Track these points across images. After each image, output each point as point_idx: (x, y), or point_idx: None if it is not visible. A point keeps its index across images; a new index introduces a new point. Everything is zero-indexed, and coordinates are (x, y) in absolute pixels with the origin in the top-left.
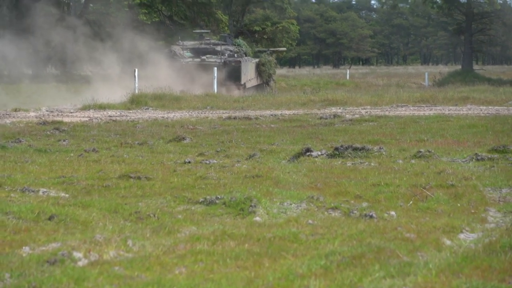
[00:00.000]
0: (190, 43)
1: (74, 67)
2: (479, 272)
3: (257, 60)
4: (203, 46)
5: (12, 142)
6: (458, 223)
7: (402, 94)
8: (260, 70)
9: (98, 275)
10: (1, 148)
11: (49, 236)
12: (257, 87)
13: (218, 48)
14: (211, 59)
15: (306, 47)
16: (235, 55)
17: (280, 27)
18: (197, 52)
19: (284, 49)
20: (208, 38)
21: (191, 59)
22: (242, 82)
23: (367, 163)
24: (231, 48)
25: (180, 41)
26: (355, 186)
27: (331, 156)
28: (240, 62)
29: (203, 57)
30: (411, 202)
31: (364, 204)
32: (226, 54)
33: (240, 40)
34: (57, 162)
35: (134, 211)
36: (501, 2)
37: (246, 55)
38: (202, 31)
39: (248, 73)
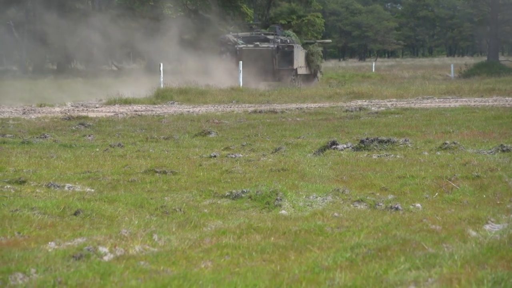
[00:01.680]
0: (241, 34)
1: (99, 62)
2: (504, 263)
3: (306, 50)
4: (254, 35)
5: (37, 137)
6: (483, 214)
7: (427, 86)
8: (309, 60)
9: (124, 270)
10: (26, 143)
11: (74, 231)
12: (306, 76)
13: (270, 36)
14: (264, 44)
15: (332, 39)
16: (288, 40)
17: (306, 20)
18: (249, 41)
19: (330, 41)
20: (257, 29)
21: (244, 45)
22: (295, 67)
23: (392, 155)
24: (281, 37)
25: (230, 32)
26: (381, 178)
27: (357, 149)
28: (292, 47)
29: (256, 43)
30: (436, 194)
31: (390, 197)
32: (279, 41)
33: (289, 31)
34: (83, 157)
35: (160, 205)
36: None
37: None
38: (253, 22)
39: (300, 60)
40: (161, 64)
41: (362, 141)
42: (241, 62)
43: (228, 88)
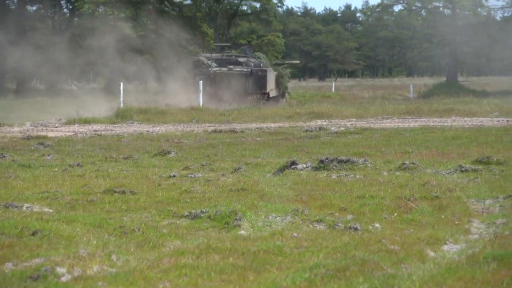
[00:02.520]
0: (214, 55)
1: (59, 82)
2: (462, 284)
3: (276, 72)
4: (225, 57)
5: None
6: (442, 234)
7: (387, 106)
8: (278, 82)
9: None
10: None
11: (32, 252)
12: (275, 98)
13: (242, 59)
14: (238, 68)
15: (292, 60)
16: (261, 64)
17: (266, 40)
18: (222, 64)
19: (298, 62)
20: (229, 51)
21: (218, 68)
22: (267, 91)
23: (352, 175)
24: (253, 60)
25: (202, 53)
26: (340, 198)
27: (316, 168)
28: (266, 71)
29: (230, 67)
30: (395, 214)
31: (349, 217)
32: (252, 64)
33: (259, 54)
34: (41, 177)
35: (119, 225)
36: (485, 14)
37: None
38: (223, 44)
39: (272, 83)
40: (121, 84)
41: (321, 161)
42: (201, 82)
43: (188, 108)
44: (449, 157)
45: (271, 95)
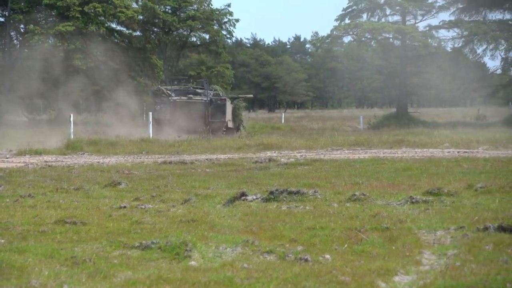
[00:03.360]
0: (173, 87)
1: (9, 112)
2: None
3: (232, 104)
4: (183, 88)
5: None
6: (393, 265)
7: (337, 138)
8: (234, 114)
9: None
10: None
11: None
12: (231, 130)
13: (200, 90)
14: (197, 97)
15: (241, 91)
16: (220, 94)
17: (215, 71)
18: (181, 94)
19: (251, 95)
20: (185, 84)
21: (178, 97)
22: (226, 120)
23: (302, 206)
24: (211, 91)
25: (160, 85)
26: (290, 229)
27: (266, 200)
28: (225, 100)
29: (190, 95)
30: (346, 245)
31: (299, 248)
32: (211, 94)
33: (217, 86)
34: None
35: (70, 256)
36: (435, 45)
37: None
38: (180, 77)
39: (229, 113)
40: (71, 115)
41: (271, 192)
42: (150, 113)
43: (138, 139)
44: (399, 188)
45: (229, 125)
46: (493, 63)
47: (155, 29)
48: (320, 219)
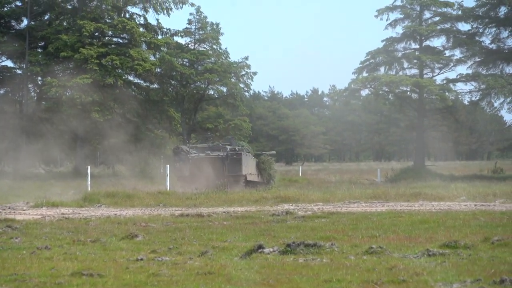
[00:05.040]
0: (200, 145)
1: (27, 165)
2: None
3: (257, 159)
4: (209, 145)
5: None
6: None
7: (354, 191)
8: (260, 168)
9: None
10: None
11: None
12: (256, 183)
13: (228, 146)
14: (215, 153)
15: (259, 144)
16: (236, 148)
17: (233, 124)
18: (202, 151)
19: (274, 152)
20: (212, 141)
21: (196, 154)
22: (243, 173)
23: (319, 259)
24: (232, 147)
25: (189, 144)
26: (307, 282)
27: (283, 252)
28: (241, 154)
29: (208, 152)
30: None
31: None
32: (228, 149)
33: (243, 142)
34: (9, 260)
35: None
36: (453, 98)
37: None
38: (209, 135)
39: (249, 167)
40: (88, 167)
41: (288, 245)
42: (168, 165)
43: (155, 192)
44: (416, 241)
45: (249, 179)
46: (510, 116)
47: (173, 82)
48: (337, 271)
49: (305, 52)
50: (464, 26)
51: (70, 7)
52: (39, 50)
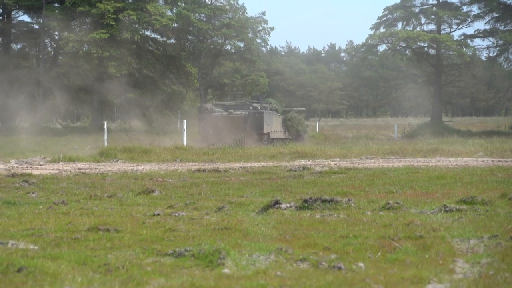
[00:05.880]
0: (227, 102)
1: (43, 120)
2: None
3: (283, 116)
4: (235, 104)
5: None
6: (426, 274)
7: (371, 146)
8: (287, 124)
9: None
10: None
11: None
12: (281, 140)
13: (256, 104)
14: (237, 112)
15: (275, 99)
16: (258, 107)
17: (250, 79)
18: (229, 108)
19: (303, 109)
20: (241, 99)
21: (220, 113)
22: (265, 132)
23: (335, 215)
24: (256, 105)
25: (216, 102)
26: (324, 238)
27: (300, 208)
28: (262, 113)
29: (231, 110)
30: (379, 254)
31: (333, 256)
32: (251, 108)
33: (271, 99)
34: (26, 215)
35: (103, 263)
36: (470, 54)
37: (277, 112)
38: (237, 92)
39: (273, 125)
40: (105, 123)
41: (305, 201)
42: (184, 120)
43: (172, 147)
44: (433, 197)
45: (272, 136)
46: None
47: (190, 37)
48: (353, 227)
49: (323, 7)
50: None
51: None
52: (56, 5)
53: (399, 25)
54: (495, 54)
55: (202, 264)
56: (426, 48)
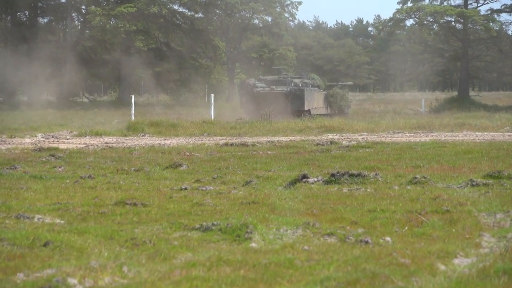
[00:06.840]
0: (270, 77)
1: (70, 94)
2: None
3: (326, 92)
4: (278, 79)
5: (7, 168)
6: (452, 248)
7: (398, 121)
8: (329, 101)
9: None
10: None
11: (43, 263)
12: (325, 115)
13: (297, 80)
14: (279, 88)
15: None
16: (300, 84)
17: (277, 53)
18: (272, 84)
19: (351, 83)
20: (285, 74)
21: (261, 88)
22: (306, 109)
23: (363, 189)
24: (298, 80)
25: (260, 76)
26: (351, 212)
27: (328, 182)
28: (303, 90)
29: (273, 86)
30: (406, 228)
31: (360, 230)
32: (292, 84)
33: (314, 75)
34: (53, 189)
35: (130, 237)
36: (497, 28)
37: (319, 88)
38: (280, 67)
39: (314, 102)
40: (132, 97)
41: (332, 175)
42: (212, 95)
43: (199, 121)
44: (460, 171)
45: (313, 113)
46: None
47: (217, 11)
48: (381, 201)
49: None
50: None
51: None
52: None
53: None
54: None
55: (229, 238)
56: (453, 23)
